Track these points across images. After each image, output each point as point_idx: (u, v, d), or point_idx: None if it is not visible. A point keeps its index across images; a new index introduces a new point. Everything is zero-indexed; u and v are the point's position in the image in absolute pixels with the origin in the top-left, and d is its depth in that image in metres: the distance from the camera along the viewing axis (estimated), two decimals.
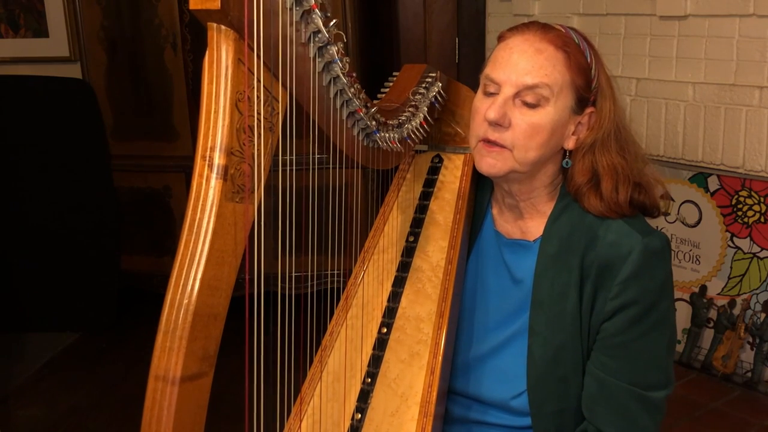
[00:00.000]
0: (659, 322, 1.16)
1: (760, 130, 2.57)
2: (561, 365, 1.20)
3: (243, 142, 0.86)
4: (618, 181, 1.19)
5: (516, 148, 1.17)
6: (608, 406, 1.17)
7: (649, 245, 1.15)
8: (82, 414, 2.75)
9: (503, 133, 1.16)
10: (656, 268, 1.16)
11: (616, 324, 1.16)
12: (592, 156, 1.20)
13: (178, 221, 3.48)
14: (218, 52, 0.84)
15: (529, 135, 1.16)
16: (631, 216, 1.20)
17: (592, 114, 1.20)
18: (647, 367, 1.17)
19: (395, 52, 3.69)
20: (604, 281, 1.16)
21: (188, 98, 3.38)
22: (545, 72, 1.15)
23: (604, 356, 1.18)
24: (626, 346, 1.16)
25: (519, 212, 1.27)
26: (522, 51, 1.16)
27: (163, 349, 0.84)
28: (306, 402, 1.25)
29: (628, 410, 1.16)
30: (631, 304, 1.15)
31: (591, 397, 1.19)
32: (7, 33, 3.64)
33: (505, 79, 1.16)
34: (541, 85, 1.14)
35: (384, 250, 1.37)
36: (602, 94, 1.21)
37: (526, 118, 1.16)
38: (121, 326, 3.40)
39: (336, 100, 1.05)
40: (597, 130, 1.19)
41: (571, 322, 1.19)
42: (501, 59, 1.18)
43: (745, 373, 2.71)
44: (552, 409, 1.21)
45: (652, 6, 2.83)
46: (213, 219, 0.84)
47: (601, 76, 1.21)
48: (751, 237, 2.70)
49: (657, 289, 1.16)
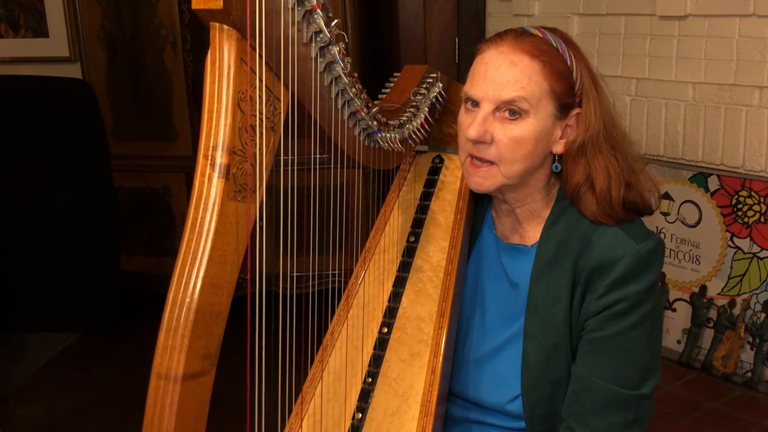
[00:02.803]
0: (639, 322, 1.16)
1: (760, 130, 2.57)
2: (554, 368, 1.20)
3: (245, 142, 0.86)
4: (611, 182, 1.18)
5: (502, 162, 1.17)
6: (582, 403, 1.17)
7: (641, 251, 1.15)
8: (82, 414, 2.75)
9: (488, 149, 1.17)
10: (645, 272, 1.16)
11: (597, 321, 1.16)
12: (585, 157, 1.19)
13: (178, 221, 3.48)
14: (220, 51, 0.84)
15: (512, 148, 1.16)
16: (627, 220, 1.19)
17: (579, 115, 1.19)
18: (622, 364, 1.16)
19: (395, 53, 3.69)
20: (593, 284, 1.17)
21: (188, 98, 3.38)
22: (521, 85, 1.14)
23: (582, 351, 1.18)
24: (603, 341, 1.16)
25: (516, 218, 1.27)
26: (496, 66, 1.15)
27: (165, 348, 0.84)
28: (307, 401, 1.25)
29: (601, 407, 1.15)
30: (614, 304, 1.15)
31: (569, 395, 1.19)
32: (7, 33, 3.64)
33: (483, 96, 1.16)
34: (518, 99, 1.14)
35: (385, 250, 1.38)
36: (587, 95, 1.19)
37: (507, 132, 1.15)
38: (121, 326, 3.39)
39: (337, 100, 1.05)
40: (585, 132, 1.18)
41: (563, 325, 1.19)
42: (477, 75, 1.18)
43: (745, 373, 2.71)
44: (545, 412, 1.21)
45: (652, 6, 2.83)
46: (215, 218, 0.84)
47: (584, 77, 1.19)
48: (751, 237, 2.71)
49: (643, 290, 1.15)
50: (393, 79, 1.38)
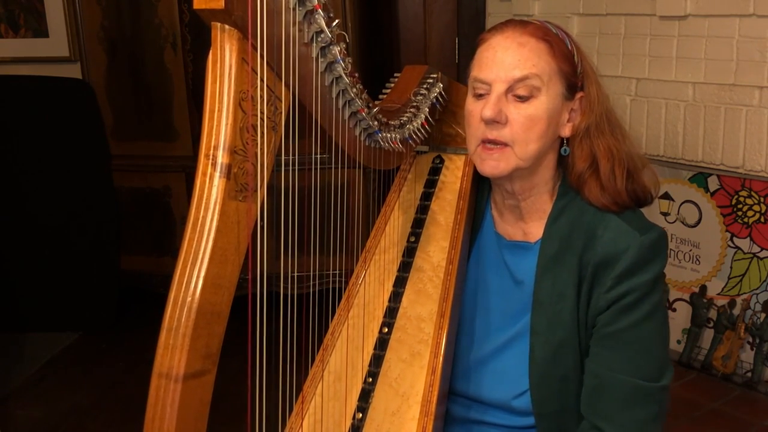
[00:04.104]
0: (651, 313, 1.17)
1: (760, 130, 2.58)
2: (561, 365, 1.20)
3: (246, 141, 0.86)
4: (614, 163, 1.20)
5: (516, 143, 1.17)
6: (606, 401, 1.17)
7: (645, 241, 1.16)
8: (82, 414, 2.75)
9: (501, 130, 1.17)
10: (651, 262, 1.17)
11: (609, 315, 1.17)
12: (589, 140, 1.21)
13: (178, 221, 3.48)
14: (222, 51, 0.84)
15: (527, 127, 1.16)
16: (629, 208, 1.21)
17: (583, 99, 1.22)
18: (641, 357, 1.16)
19: (395, 53, 3.69)
20: (599, 277, 1.17)
21: (188, 98, 3.38)
22: (532, 63, 1.16)
23: (597, 347, 1.18)
24: (618, 335, 1.16)
25: (520, 213, 1.27)
26: (505, 48, 1.17)
27: (166, 347, 0.84)
28: (307, 401, 1.26)
29: (626, 403, 1.15)
30: (624, 296, 1.15)
31: (589, 392, 1.19)
32: (7, 33, 3.64)
33: (494, 78, 1.17)
34: (531, 76, 1.15)
35: (385, 250, 1.38)
36: (588, 78, 1.22)
37: (521, 111, 1.16)
38: (121, 326, 3.40)
39: (338, 100, 1.05)
40: (590, 114, 1.21)
41: (570, 321, 1.19)
42: (486, 59, 1.19)
43: (745, 373, 2.71)
44: (554, 409, 1.21)
45: (652, 6, 2.83)
46: (216, 217, 0.84)
47: (583, 61, 1.22)
48: (751, 237, 2.71)
49: (650, 281, 1.16)
50: (393, 79, 1.38)
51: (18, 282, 3.34)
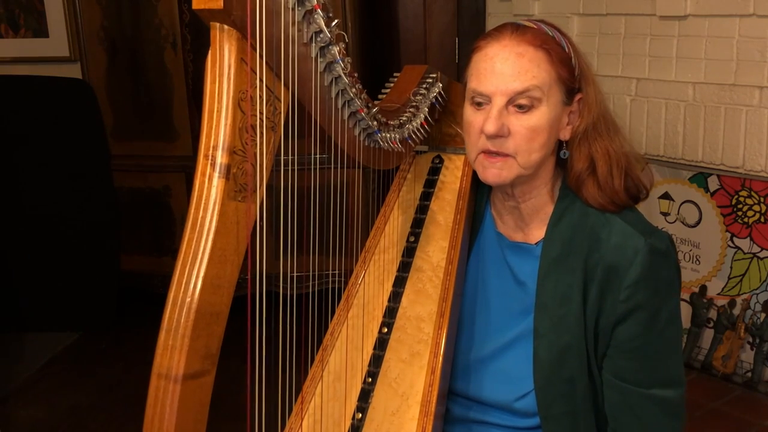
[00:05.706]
0: (670, 321, 1.17)
1: (760, 130, 2.57)
2: (567, 367, 1.20)
3: (245, 141, 0.86)
4: (612, 164, 1.20)
5: (519, 153, 1.17)
6: (632, 415, 1.18)
7: (653, 246, 1.16)
8: (82, 414, 2.75)
9: (504, 142, 1.16)
10: (663, 269, 1.17)
11: (631, 328, 1.17)
12: (587, 143, 1.21)
13: (178, 221, 3.48)
14: (221, 51, 0.84)
15: (530, 138, 1.16)
16: (628, 208, 1.21)
17: (581, 100, 1.21)
18: (665, 366, 1.18)
19: (395, 53, 3.69)
20: (610, 284, 1.17)
21: (188, 98, 3.38)
22: (532, 74, 1.14)
23: (622, 360, 1.18)
24: (643, 348, 1.17)
25: (520, 215, 1.27)
26: (504, 58, 1.15)
27: (165, 347, 0.84)
28: (307, 401, 1.26)
29: (652, 417, 1.18)
30: (642, 307, 1.15)
31: (613, 406, 1.20)
32: (7, 33, 3.64)
33: (494, 90, 1.15)
34: (532, 88, 1.14)
35: (385, 250, 1.38)
36: (585, 79, 1.22)
37: (523, 123, 1.15)
38: (121, 326, 3.40)
39: (337, 100, 1.05)
40: (588, 116, 1.21)
41: (576, 324, 1.19)
42: (484, 71, 1.17)
43: (745, 373, 2.71)
44: (561, 411, 1.21)
45: (652, 6, 2.83)
46: (215, 217, 0.84)
47: (580, 61, 1.22)
48: (751, 237, 2.71)
49: (665, 288, 1.17)
50: (393, 79, 1.38)
51: (18, 282, 3.34)
